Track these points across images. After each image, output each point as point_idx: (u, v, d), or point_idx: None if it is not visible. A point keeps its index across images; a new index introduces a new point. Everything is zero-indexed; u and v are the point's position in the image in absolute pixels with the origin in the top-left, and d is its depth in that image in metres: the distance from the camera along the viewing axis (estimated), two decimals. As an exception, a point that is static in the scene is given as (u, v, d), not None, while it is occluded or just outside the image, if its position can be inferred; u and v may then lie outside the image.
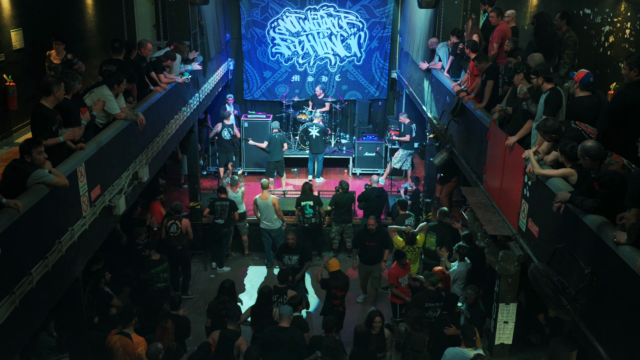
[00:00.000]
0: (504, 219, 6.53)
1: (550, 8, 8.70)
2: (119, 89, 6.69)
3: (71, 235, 5.37)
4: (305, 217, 10.68)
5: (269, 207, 10.64)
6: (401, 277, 8.37)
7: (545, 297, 4.64)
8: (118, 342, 6.37)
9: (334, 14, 15.05)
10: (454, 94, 8.74)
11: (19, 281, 4.43)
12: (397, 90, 15.71)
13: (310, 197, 10.69)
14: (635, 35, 6.82)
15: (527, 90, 6.26)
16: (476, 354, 6.05)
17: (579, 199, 4.50)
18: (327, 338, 6.63)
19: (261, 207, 10.68)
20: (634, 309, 3.84)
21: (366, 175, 13.42)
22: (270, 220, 10.72)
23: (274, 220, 10.73)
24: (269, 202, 10.64)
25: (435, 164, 9.67)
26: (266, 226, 10.78)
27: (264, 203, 10.66)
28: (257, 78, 15.46)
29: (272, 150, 12.61)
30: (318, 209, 10.70)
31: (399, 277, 8.37)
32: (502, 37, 8.05)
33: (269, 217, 10.70)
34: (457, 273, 8.09)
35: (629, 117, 4.76)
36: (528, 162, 5.63)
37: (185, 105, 10.01)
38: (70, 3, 10.36)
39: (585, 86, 5.55)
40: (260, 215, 10.75)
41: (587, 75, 5.56)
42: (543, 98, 5.81)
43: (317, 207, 10.68)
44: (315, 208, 10.66)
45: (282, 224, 10.86)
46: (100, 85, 6.58)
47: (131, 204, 7.46)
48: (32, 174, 4.74)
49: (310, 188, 10.86)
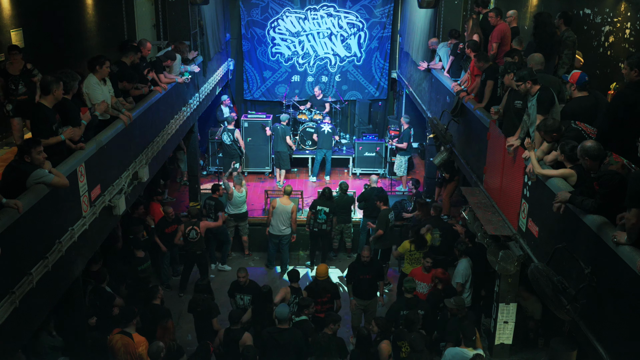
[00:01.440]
0: (504, 219, 6.53)
1: (550, 8, 8.70)
2: (101, 71, 6.61)
3: (71, 235, 5.37)
4: (317, 221, 10.48)
5: (287, 214, 10.49)
6: (419, 280, 8.13)
7: (545, 297, 4.64)
8: (119, 342, 6.38)
9: (334, 14, 15.05)
10: (454, 94, 8.74)
11: (19, 281, 4.43)
12: (397, 90, 15.71)
13: (328, 203, 10.48)
14: (635, 35, 6.82)
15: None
16: (475, 354, 6.05)
17: (579, 199, 4.50)
18: (320, 335, 6.65)
19: (278, 210, 10.47)
20: (634, 309, 3.84)
21: (366, 175, 13.42)
22: (282, 225, 10.54)
23: (286, 227, 10.58)
24: (289, 209, 10.46)
25: (435, 164, 9.67)
26: (279, 232, 10.54)
27: (284, 208, 10.46)
28: (257, 78, 15.46)
29: (275, 140, 12.94)
30: (332, 217, 10.55)
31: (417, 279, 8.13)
32: (501, 37, 8.05)
33: (283, 223, 10.53)
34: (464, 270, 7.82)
35: (629, 117, 4.76)
36: (528, 162, 5.63)
37: (185, 105, 10.01)
38: (70, 3, 10.35)
39: (582, 86, 5.56)
40: (272, 219, 10.52)
41: (582, 76, 5.58)
42: (535, 99, 5.82)
43: (331, 215, 10.52)
44: (329, 215, 10.49)
45: (293, 234, 10.69)
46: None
47: (131, 204, 7.47)
48: (32, 174, 4.74)
49: (331, 194, 10.58)
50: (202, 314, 7.48)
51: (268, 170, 13.98)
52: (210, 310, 7.46)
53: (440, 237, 9.10)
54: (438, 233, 9.13)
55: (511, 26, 8.38)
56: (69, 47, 10.00)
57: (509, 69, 6.61)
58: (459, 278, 7.83)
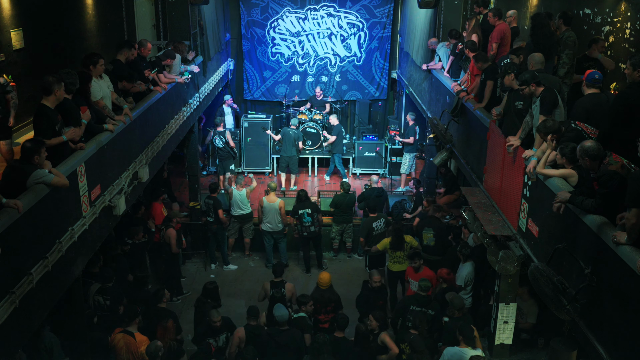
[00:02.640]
0: (504, 219, 6.53)
1: (550, 8, 8.70)
2: (96, 70, 6.58)
3: (71, 235, 5.37)
4: (303, 225, 10.38)
5: (275, 210, 10.52)
6: (411, 278, 8.19)
7: (545, 297, 4.63)
8: (121, 341, 6.40)
9: (334, 14, 15.05)
10: (454, 94, 8.74)
11: (19, 281, 4.43)
12: (397, 90, 15.72)
13: (307, 204, 10.39)
14: (635, 35, 6.82)
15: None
16: (473, 355, 6.02)
17: (579, 199, 4.50)
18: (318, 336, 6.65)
19: (266, 209, 10.54)
20: (634, 309, 3.84)
21: (366, 175, 13.42)
22: (274, 223, 10.60)
23: (278, 223, 10.62)
24: (276, 205, 10.50)
25: (435, 164, 9.67)
26: (269, 228, 10.63)
27: (271, 205, 10.52)
28: (257, 78, 15.46)
29: (284, 145, 12.62)
30: (316, 216, 10.42)
31: (410, 278, 8.24)
32: (501, 37, 8.05)
33: (273, 220, 10.58)
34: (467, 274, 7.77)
35: (631, 117, 4.75)
36: (528, 162, 5.63)
37: (185, 105, 10.01)
38: (70, 3, 10.37)
39: (592, 83, 5.55)
40: (264, 217, 10.60)
41: (592, 73, 5.57)
42: (538, 100, 5.82)
43: (315, 215, 10.37)
44: (313, 216, 10.35)
45: (285, 228, 10.74)
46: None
47: (131, 204, 7.46)
48: (32, 174, 4.74)
49: (306, 195, 10.55)
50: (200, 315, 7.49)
51: (268, 170, 13.99)
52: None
53: (434, 237, 9.08)
54: (432, 233, 9.12)
55: (511, 26, 8.38)
56: (69, 47, 10.01)
57: (509, 70, 6.61)
58: (460, 281, 7.83)
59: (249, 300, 8.59)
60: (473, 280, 7.82)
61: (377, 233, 9.62)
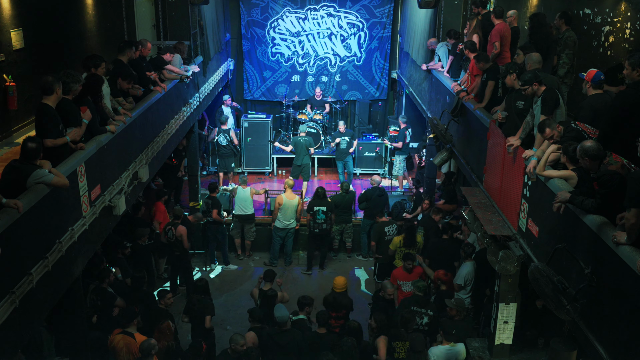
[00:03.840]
0: (504, 219, 6.52)
1: (550, 8, 8.70)
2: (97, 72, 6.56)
3: (71, 235, 5.37)
4: (316, 222, 10.56)
5: (293, 207, 10.74)
6: (402, 280, 8.22)
7: (545, 297, 4.63)
8: (121, 342, 6.40)
9: (334, 14, 15.05)
10: (454, 94, 8.74)
11: (19, 281, 4.43)
12: (397, 90, 15.72)
13: (324, 202, 10.59)
14: (635, 35, 6.82)
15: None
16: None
17: (579, 199, 4.50)
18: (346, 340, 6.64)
19: (286, 205, 10.71)
20: (634, 309, 3.84)
21: (366, 175, 13.42)
22: (289, 219, 10.79)
23: (293, 220, 10.82)
24: (295, 202, 10.76)
25: (435, 164, 9.67)
26: (284, 225, 10.82)
27: (290, 202, 10.73)
28: (257, 78, 15.46)
29: (297, 153, 12.48)
30: (330, 215, 10.63)
31: (399, 280, 8.23)
32: (500, 37, 8.04)
33: (289, 217, 10.78)
34: (466, 274, 7.80)
35: (631, 117, 4.75)
36: (528, 162, 5.63)
37: (186, 105, 10.01)
38: (70, 3, 10.36)
39: (597, 84, 5.55)
40: (280, 214, 10.76)
41: (597, 74, 5.57)
42: (540, 99, 5.82)
43: (329, 214, 10.60)
44: (327, 214, 10.57)
45: (297, 224, 10.95)
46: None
47: (131, 204, 7.46)
48: (32, 174, 4.73)
49: (324, 193, 10.69)
50: (197, 315, 7.47)
51: (268, 170, 13.99)
52: (205, 309, 7.45)
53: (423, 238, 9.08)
54: (422, 232, 9.13)
55: (511, 26, 8.37)
56: (69, 47, 10.00)
57: (510, 70, 6.60)
58: (459, 280, 7.83)
59: (249, 300, 8.58)
60: (473, 280, 7.82)
61: (389, 238, 9.59)
